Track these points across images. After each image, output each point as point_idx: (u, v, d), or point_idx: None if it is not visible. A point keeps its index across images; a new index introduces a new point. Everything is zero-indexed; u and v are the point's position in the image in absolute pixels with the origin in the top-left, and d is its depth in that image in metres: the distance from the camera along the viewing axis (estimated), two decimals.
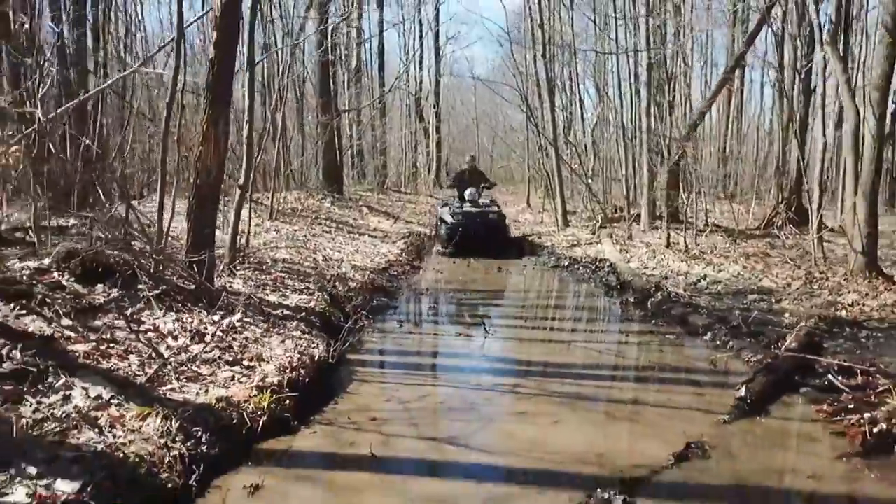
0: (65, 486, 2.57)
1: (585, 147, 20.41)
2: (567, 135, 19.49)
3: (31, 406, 3.02)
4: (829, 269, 8.90)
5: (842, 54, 8.67)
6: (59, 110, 4.89)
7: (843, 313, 6.71)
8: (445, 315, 7.20)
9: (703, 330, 6.09)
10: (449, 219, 11.47)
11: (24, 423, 2.88)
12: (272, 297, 5.65)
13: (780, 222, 14.81)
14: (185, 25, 4.97)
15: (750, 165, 22.99)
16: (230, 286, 5.48)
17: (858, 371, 4.49)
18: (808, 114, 13.84)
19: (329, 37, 13.84)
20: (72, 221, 6.79)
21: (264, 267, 6.94)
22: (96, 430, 3.00)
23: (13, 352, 3.26)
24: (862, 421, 3.62)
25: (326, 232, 11.97)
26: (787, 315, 6.70)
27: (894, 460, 3.35)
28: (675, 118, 13.06)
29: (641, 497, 2.89)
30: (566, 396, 4.28)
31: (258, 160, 10.08)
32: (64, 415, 3.02)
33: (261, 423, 3.48)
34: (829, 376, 4.44)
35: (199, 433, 3.20)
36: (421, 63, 34.82)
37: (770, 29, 13.93)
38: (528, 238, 13.82)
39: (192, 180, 4.98)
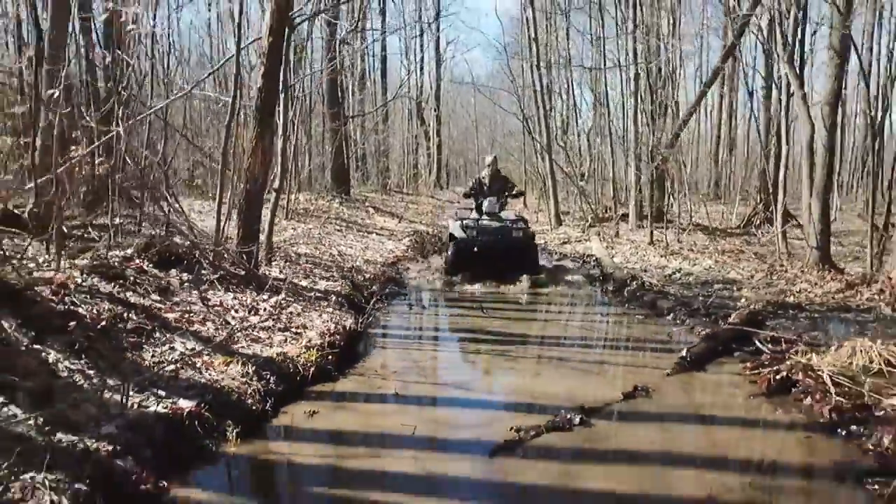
0: (185, 404, 3.67)
1: (580, 150, 21.55)
2: (564, 137, 20.63)
3: (149, 352, 4.13)
4: (790, 262, 9.99)
5: (798, 72, 9.74)
6: (129, 122, 5.96)
7: (791, 298, 7.80)
8: (447, 300, 8.28)
9: (667, 311, 7.19)
10: (459, 232, 9.08)
11: (148, 363, 3.99)
12: (304, 283, 6.75)
13: (758, 221, 15.98)
14: (239, 67, 6.06)
15: (740, 168, 24.08)
16: (269, 273, 6.58)
17: (783, 340, 5.59)
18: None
19: (338, 52, 14.91)
20: (116, 220, 7.88)
21: (292, 259, 8.04)
22: (196, 370, 4.11)
23: (130, 315, 4.36)
24: (770, 371, 4.73)
25: (338, 230, 13.06)
26: (742, 300, 7.78)
27: (789, 398, 4.43)
28: (662, 125, 14.09)
29: (595, 418, 3.98)
30: (547, 358, 5.38)
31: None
32: (172, 359, 4.12)
33: (310, 372, 4.57)
34: (758, 343, 5.53)
35: (269, 376, 4.31)
36: (422, 68, 35.99)
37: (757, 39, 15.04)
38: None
39: (242, 186, 6.08)
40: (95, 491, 2.72)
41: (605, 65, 15.35)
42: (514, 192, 10.18)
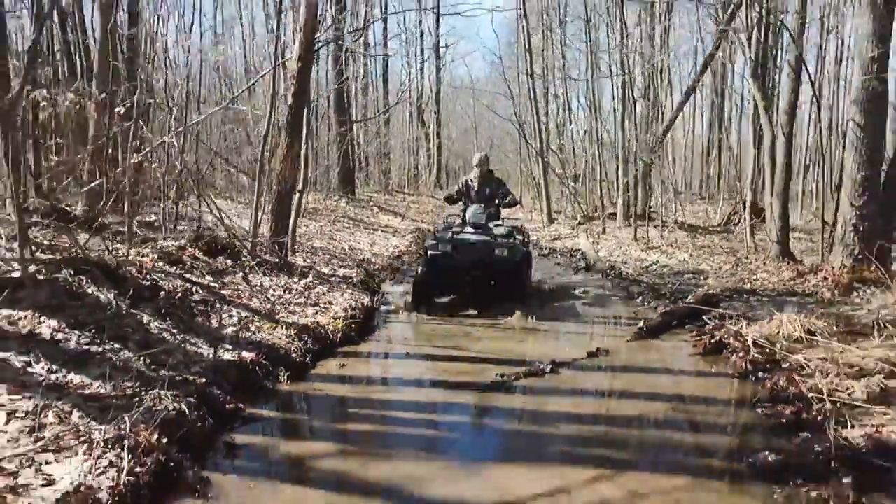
0: (247, 355, 4.79)
1: (574, 151, 22.68)
2: (559, 140, 21.75)
3: (214, 318, 5.26)
4: (756, 255, 11.12)
5: (761, 85, 10.88)
6: (178, 130, 7.07)
7: (748, 285, 8.92)
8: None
9: (637, 295, 8.33)
10: (432, 248, 7.32)
11: (210, 327, 5.11)
12: (326, 270, 7.87)
13: (737, 220, 17.12)
14: (275, 89, 7.20)
15: (727, 170, 25.21)
16: (296, 261, 7.70)
17: (726, 316, 6.71)
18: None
19: (344, 64, 16.02)
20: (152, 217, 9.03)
21: (312, 251, 9.16)
22: (251, 332, 5.24)
23: (196, 290, 5.49)
24: (707, 337, 5.85)
25: (346, 228, 14.19)
26: (706, 287, 8.91)
27: (720, 356, 5.56)
28: (644, 131, 15.23)
29: (562, 369, 5.10)
30: (530, 329, 6.50)
31: None
32: (231, 324, 5.25)
33: (338, 337, 5.70)
34: (706, 319, 6.66)
35: (306, 338, 5.43)
36: (422, 72, 37.11)
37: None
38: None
39: (274, 188, 7.21)
40: (200, 405, 3.84)
41: (592, 75, 16.47)
42: (507, 201, 8.14)
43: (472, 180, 8.35)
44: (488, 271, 7.26)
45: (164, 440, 3.29)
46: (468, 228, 7.65)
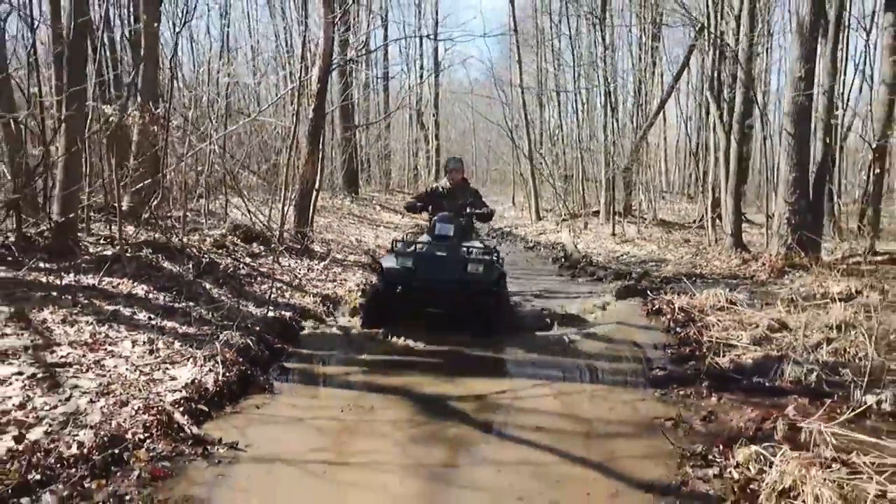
0: (286, 313, 6.29)
1: (564, 153, 24.21)
2: (552, 143, 23.28)
3: (257, 288, 6.76)
4: (714, 247, 12.63)
5: (716, 96, 12.39)
6: (218, 136, 8.55)
7: (699, 270, 10.42)
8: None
9: (603, 277, 9.83)
10: (389, 263, 6.28)
11: (256, 293, 6.62)
12: (339, 256, 9.38)
13: (715, 216, 18.66)
14: (299, 105, 8.70)
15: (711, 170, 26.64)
16: (314, 248, 9.21)
17: (668, 291, 8.21)
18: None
19: (350, 74, 17.51)
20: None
21: (325, 242, 10.67)
22: (286, 298, 6.74)
23: (240, 267, 6.99)
24: (649, 305, 7.37)
25: (352, 223, 15.70)
26: (663, 272, 10.41)
27: (658, 317, 7.05)
28: (621, 137, 16.74)
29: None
30: (514, 294, 7.99)
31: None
32: (271, 291, 6.75)
33: (354, 301, 7.18)
34: (651, 293, 8.16)
35: (328, 303, 6.93)
36: (421, 75, 38.58)
37: None
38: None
39: (297, 187, 8.71)
40: (258, 342, 5.33)
41: (576, 87, 18.01)
42: (481, 212, 6.94)
43: (441, 188, 7.10)
44: (459, 293, 5.93)
45: (241, 359, 4.79)
46: (434, 242, 6.38)
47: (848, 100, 14.06)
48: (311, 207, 9.50)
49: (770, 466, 3.13)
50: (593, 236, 15.01)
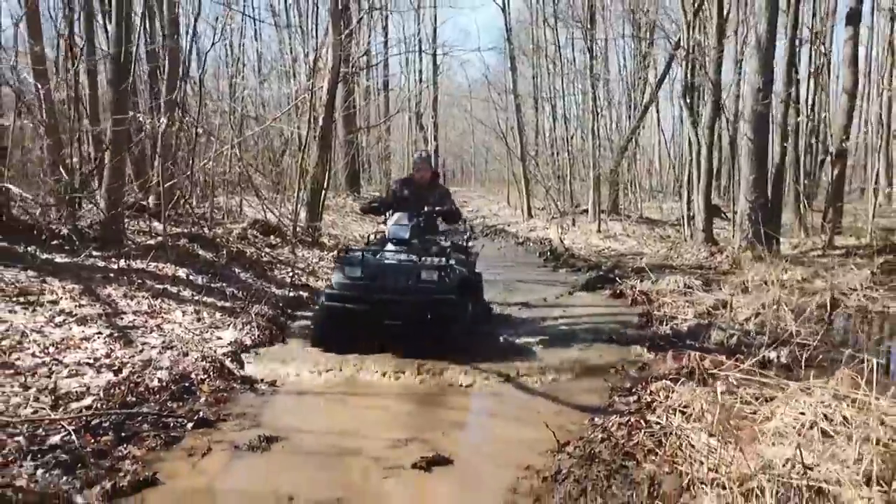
0: (303, 293, 7.40)
1: (557, 154, 25.35)
2: (546, 145, 24.42)
3: (278, 273, 7.89)
4: (690, 241, 13.75)
5: (689, 104, 13.52)
6: (239, 140, 9.68)
7: (670, 262, 11.55)
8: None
9: (580, 268, 10.95)
10: (336, 276, 5.67)
11: (276, 277, 7.74)
12: None
13: (692, 214, 19.81)
14: (312, 112, 9.81)
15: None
16: (324, 241, 10.33)
17: (637, 279, 9.33)
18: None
19: (353, 83, 18.61)
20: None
21: (331, 236, 11.79)
22: (302, 282, 7.85)
23: (262, 255, 8.12)
24: (616, 289, 8.49)
25: (354, 221, 16.80)
26: (637, 264, 11.53)
27: (622, 298, 8.17)
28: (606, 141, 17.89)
29: (520, 307, 7.70)
30: (500, 283, 9.12)
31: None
32: (293, 276, 7.87)
33: None
34: (618, 280, 9.28)
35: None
36: (421, 77, 39.71)
37: None
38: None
39: (307, 186, 9.83)
40: (282, 312, 6.45)
41: (563, 94, 19.17)
42: (443, 210, 6.12)
43: (404, 187, 6.37)
44: (413, 305, 5.27)
45: (269, 323, 5.92)
46: (389, 246, 5.77)
47: (813, 107, 15.18)
48: (321, 205, 10.60)
49: (673, 393, 4.25)
50: (580, 233, 16.12)
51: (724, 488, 2.90)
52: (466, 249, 6.52)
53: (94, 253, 7.23)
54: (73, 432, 3.55)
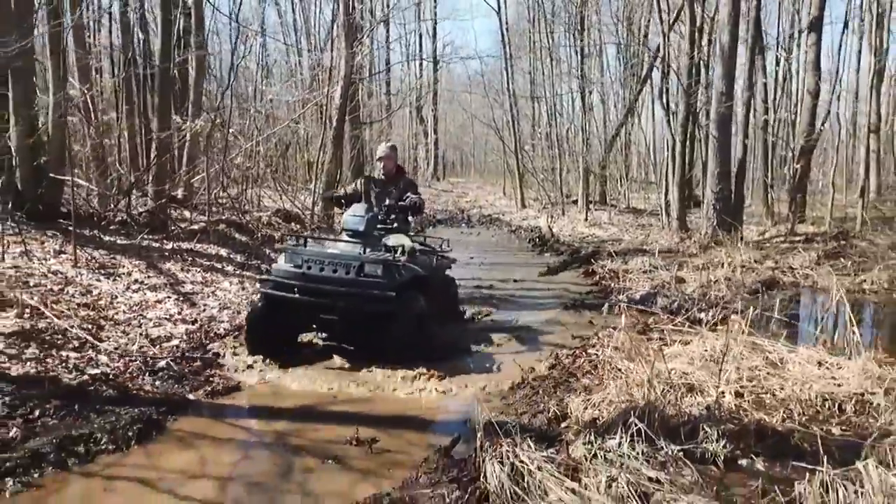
0: None
1: (551, 147, 26.70)
2: (539, 140, 25.77)
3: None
4: (667, 229, 15.13)
5: (665, 105, 14.87)
6: (264, 136, 11.04)
7: (646, 247, 12.92)
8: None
9: (561, 252, 12.36)
10: (277, 264, 5.50)
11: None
12: None
13: (668, 203, 21.22)
14: (328, 112, 11.14)
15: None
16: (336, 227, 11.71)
17: (609, 260, 10.73)
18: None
19: (357, 82, 19.92)
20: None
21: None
22: None
23: (287, 239, 9.51)
24: (587, 269, 9.89)
25: None
26: (614, 248, 12.91)
27: (593, 277, 9.57)
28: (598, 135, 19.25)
29: (498, 286, 9.11)
30: (487, 265, 10.51)
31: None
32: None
33: None
34: (592, 261, 10.67)
35: None
36: (421, 71, 40.99)
37: None
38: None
39: (322, 179, 11.20)
40: None
41: (554, 92, 20.50)
42: (403, 203, 5.99)
43: (372, 179, 6.36)
44: (349, 298, 4.87)
45: None
46: (344, 237, 5.61)
47: (776, 107, 16.52)
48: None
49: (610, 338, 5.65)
50: (568, 221, 17.51)
51: (627, 385, 4.30)
52: (436, 251, 6.33)
53: (146, 237, 8.62)
54: (171, 361, 4.97)
